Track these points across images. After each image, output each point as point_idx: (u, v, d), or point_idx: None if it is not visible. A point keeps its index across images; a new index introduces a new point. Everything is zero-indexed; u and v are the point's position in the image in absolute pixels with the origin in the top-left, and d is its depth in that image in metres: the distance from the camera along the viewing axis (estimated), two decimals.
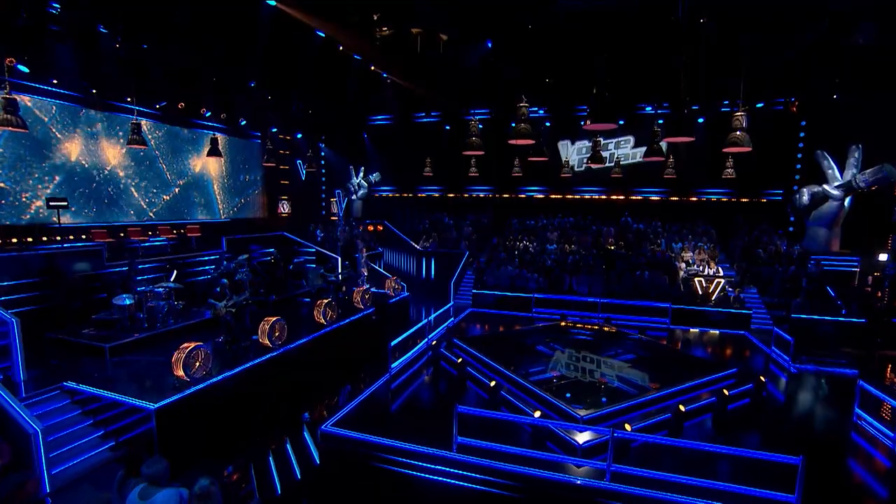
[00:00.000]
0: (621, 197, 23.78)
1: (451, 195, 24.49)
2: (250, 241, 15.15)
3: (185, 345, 8.17)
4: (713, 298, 15.46)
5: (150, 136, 14.46)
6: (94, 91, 12.16)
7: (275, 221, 18.95)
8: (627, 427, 6.91)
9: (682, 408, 7.54)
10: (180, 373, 7.94)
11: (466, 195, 24.50)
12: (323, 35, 12.36)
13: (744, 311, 14.77)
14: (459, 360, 9.78)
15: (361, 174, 22.68)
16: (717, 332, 14.10)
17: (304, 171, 19.41)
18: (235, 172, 17.25)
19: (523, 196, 24.54)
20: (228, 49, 13.05)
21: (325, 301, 11.94)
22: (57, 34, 9.85)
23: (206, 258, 13.56)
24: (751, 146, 10.08)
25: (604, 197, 23.91)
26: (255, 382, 8.95)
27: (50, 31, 9.84)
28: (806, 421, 8.83)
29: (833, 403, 9.35)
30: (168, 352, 8.20)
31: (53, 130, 12.03)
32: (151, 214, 14.38)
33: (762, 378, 8.92)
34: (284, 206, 19.54)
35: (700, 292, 15.67)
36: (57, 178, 12.07)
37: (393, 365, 9.82)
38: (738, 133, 9.94)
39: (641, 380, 9.33)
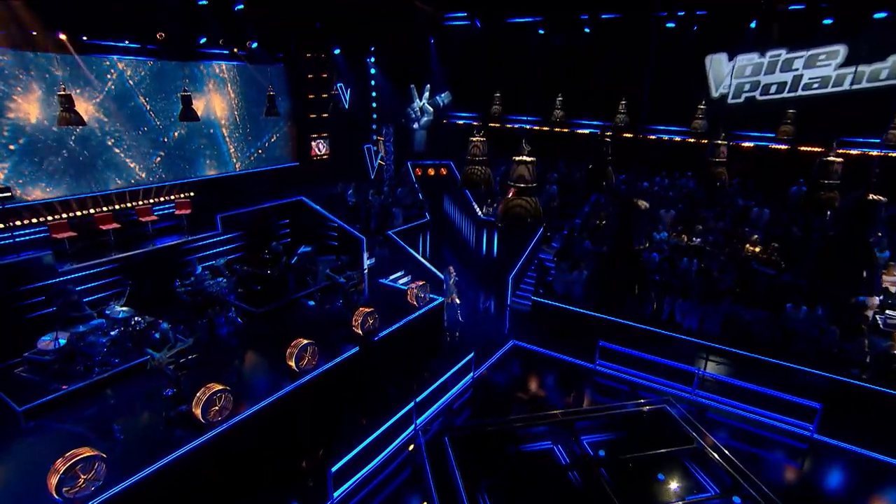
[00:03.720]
0: (806, 149, 16.44)
1: (546, 129, 19.27)
2: (256, 214, 13.08)
3: (72, 454, 6.72)
4: None
5: (130, 80, 12.15)
6: (33, 33, 9.84)
7: (308, 168, 16.44)
8: None
9: None
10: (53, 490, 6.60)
11: (567, 130, 19.07)
12: None
13: None
14: None
15: (426, 95, 18.48)
16: None
17: (347, 98, 16.04)
18: (252, 110, 14.59)
19: (651, 138, 18.38)
20: None
21: (304, 341, 9.75)
22: None
23: (198, 243, 11.91)
24: None
25: (773, 146, 16.86)
26: (176, 483, 7.48)
27: None
28: None
29: None
30: (101, 407, 7.58)
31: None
32: (142, 176, 12.71)
33: None
34: (321, 147, 16.76)
35: None
36: (14, 146, 10.59)
37: (336, 494, 7.63)
38: None
39: None
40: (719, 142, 8.85)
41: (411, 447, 8.63)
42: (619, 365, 11.15)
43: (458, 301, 12.42)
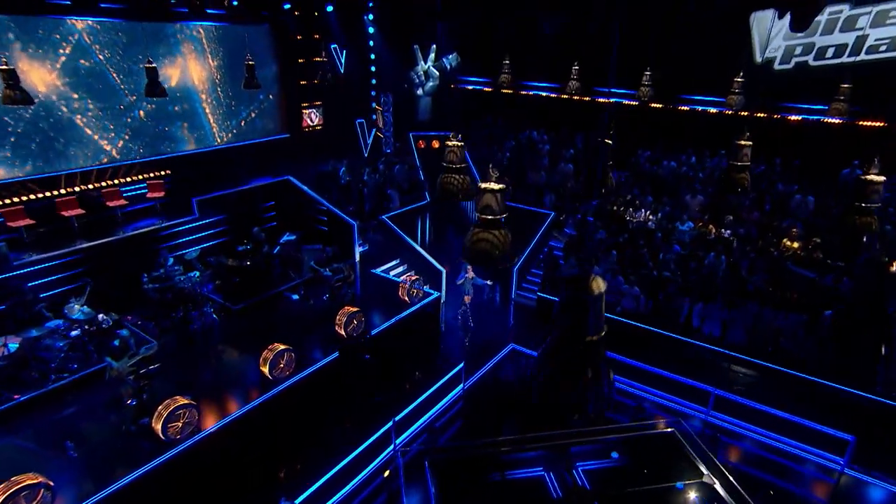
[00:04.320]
0: (866, 123, 14.68)
1: (565, 97, 17.69)
2: (236, 197, 12.31)
3: (13, 481, 6.36)
4: None
5: (92, 44, 11.17)
6: None
7: (299, 141, 15.41)
8: None
9: None
10: None
11: (588, 98, 17.49)
12: None
13: None
14: None
15: (431, 57, 17.04)
16: None
17: (343, 62, 14.76)
18: (234, 76, 13.51)
19: (683, 109, 16.70)
20: None
21: (281, 347, 9.20)
22: None
23: (173, 230, 11.25)
24: None
25: (826, 121, 15.08)
26: None
27: None
28: None
29: None
30: (56, 419, 7.58)
31: None
32: (115, 154, 11.94)
33: None
34: (313, 117, 15.65)
35: None
36: None
37: None
38: None
39: None
40: (743, 142, 7.64)
41: (387, 473, 8.11)
42: (627, 378, 10.35)
43: (467, 303, 11.61)
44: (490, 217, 4.99)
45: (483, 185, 4.99)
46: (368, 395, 9.64)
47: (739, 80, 14.08)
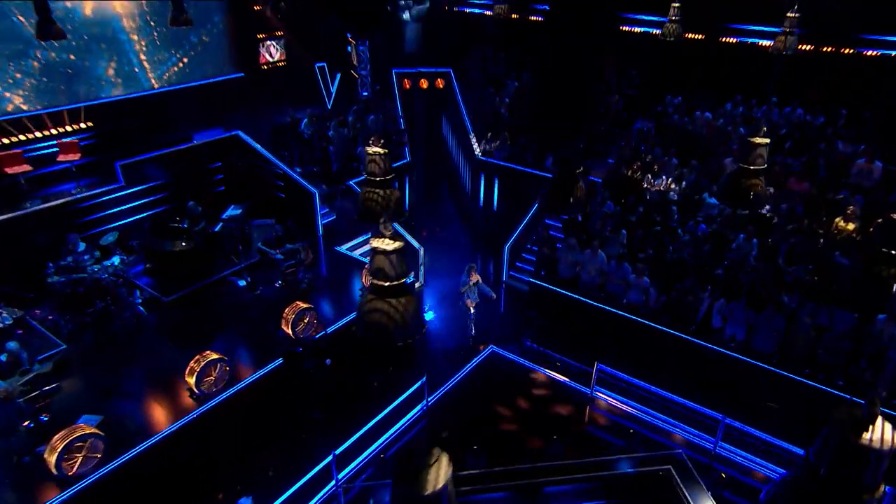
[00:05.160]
0: None
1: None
2: (174, 158, 10.59)
3: None
4: None
5: None
6: None
7: (256, 82, 13.20)
8: None
9: None
10: None
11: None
12: None
13: None
14: None
15: None
16: None
17: None
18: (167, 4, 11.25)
19: (730, 41, 13.87)
20: None
21: (213, 356, 8.07)
22: None
23: (93, 200, 9.74)
24: None
25: None
26: None
27: None
28: None
29: None
30: None
31: None
32: (18, 104, 10.07)
33: None
34: (272, 51, 13.33)
35: None
36: None
37: None
38: None
39: None
40: (758, 140, 5.85)
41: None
42: (623, 396, 9.03)
43: (472, 311, 10.11)
44: (386, 284, 3.65)
45: (375, 244, 3.99)
46: (315, 409, 8.58)
47: (792, 15, 10.79)
